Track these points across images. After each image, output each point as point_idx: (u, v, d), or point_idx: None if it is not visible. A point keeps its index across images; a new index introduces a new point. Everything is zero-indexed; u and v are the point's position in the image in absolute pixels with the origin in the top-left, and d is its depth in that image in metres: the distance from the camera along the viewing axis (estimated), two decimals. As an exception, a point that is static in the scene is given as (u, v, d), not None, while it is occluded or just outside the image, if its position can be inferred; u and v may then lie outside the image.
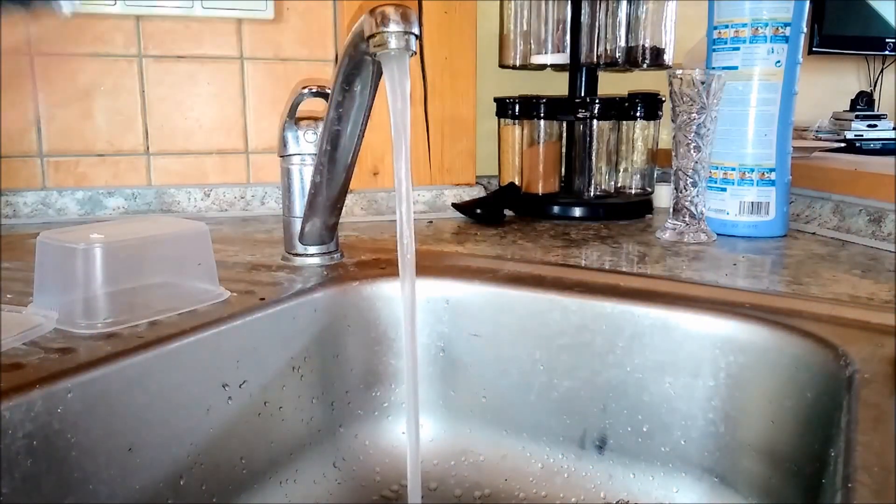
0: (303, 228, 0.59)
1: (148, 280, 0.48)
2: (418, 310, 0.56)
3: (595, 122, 0.89)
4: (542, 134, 0.90)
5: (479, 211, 0.84)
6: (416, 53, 0.38)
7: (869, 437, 0.31)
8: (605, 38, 0.89)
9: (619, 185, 0.94)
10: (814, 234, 0.78)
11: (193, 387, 0.43)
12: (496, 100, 0.93)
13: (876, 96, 1.82)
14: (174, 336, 0.43)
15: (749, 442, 0.47)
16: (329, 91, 0.48)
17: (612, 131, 0.92)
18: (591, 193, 0.90)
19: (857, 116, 1.64)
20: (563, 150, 0.92)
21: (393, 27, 0.37)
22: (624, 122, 0.92)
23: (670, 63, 0.92)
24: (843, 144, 1.25)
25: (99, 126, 0.83)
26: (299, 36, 0.88)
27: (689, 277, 0.58)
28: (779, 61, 0.72)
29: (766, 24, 0.72)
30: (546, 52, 0.92)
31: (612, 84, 0.98)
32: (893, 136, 1.61)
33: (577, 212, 0.87)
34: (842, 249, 0.71)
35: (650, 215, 0.90)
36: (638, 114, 0.91)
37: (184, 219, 0.79)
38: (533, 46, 0.93)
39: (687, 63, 0.95)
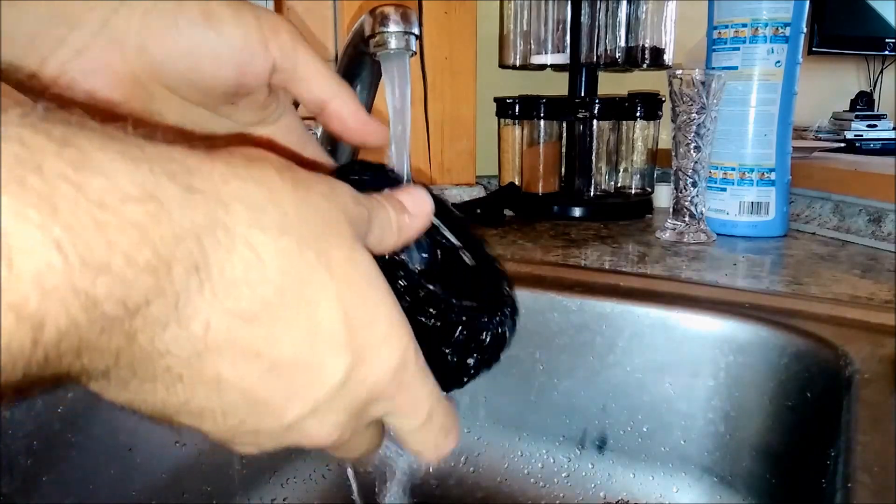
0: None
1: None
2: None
3: (595, 122, 0.89)
4: (542, 134, 0.90)
5: (478, 211, 0.84)
6: (415, 54, 0.38)
7: (869, 436, 0.31)
8: (605, 38, 0.89)
9: (618, 185, 0.94)
10: (813, 233, 0.78)
11: (193, 387, 0.43)
12: (496, 100, 0.93)
13: (876, 96, 1.82)
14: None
15: (749, 441, 0.47)
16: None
17: (612, 131, 0.92)
18: (591, 193, 0.90)
19: (856, 116, 1.64)
20: (563, 150, 0.92)
21: (393, 27, 0.37)
22: (624, 123, 0.92)
23: (670, 63, 0.92)
24: (842, 144, 1.25)
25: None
26: (299, 36, 0.87)
27: (688, 277, 0.58)
28: (778, 61, 0.72)
29: (766, 24, 0.72)
30: (546, 53, 0.92)
31: (612, 84, 0.98)
32: (893, 136, 1.61)
33: (577, 212, 0.87)
34: (841, 249, 0.71)
35: (650, 215, 0.90)
36: (638, 114, 0.90)
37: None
38: (533, 46, 0.93)
39: (687, 63, 0.95)
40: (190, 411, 0.19)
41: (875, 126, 1.62)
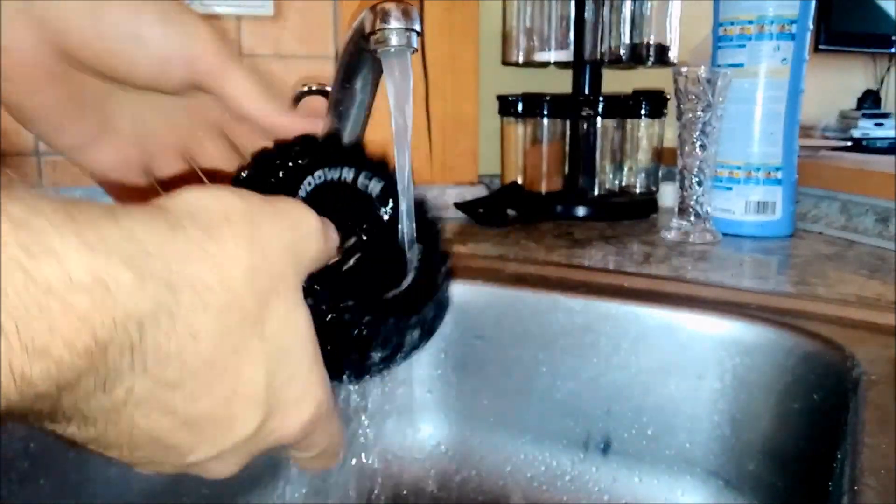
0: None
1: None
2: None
3: (599, 120, 0.88)
4: (545, 132, 0.89)
5: (480, 210, 0.83)
6: (417, 51, 0.37)
7: (876, 439, 0.31)
8: (610, 34, 0.89)
9: (623, 184, 0.93)
10: (820, 233, 0.78)
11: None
12: (499, 98, 0.92)
13: (883, 94, 1.81)
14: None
15: (755, 444, 0.47)
16: (329, 89, 0.48)
17: (616, 130, 0.91)
18: (595, 193, 0.90)
19: (863, 115, 1.63)
20: (567, 148, 0.91)
21: (394, 24, 0.37)
22: (628, 121, 0.91)
23: (675, 60, 0.91)
24: (849, 143, 1.24)
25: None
26: (299, 33, 0.87)
27: (694, 278, 0.57)
28: (785, 58, 0.72)
29: (772, 21, 0.71)
30: (550, 50, 0.91)
31: (616, 82, 0.97)
32: (900, 135, 1.60)
33: (581, 211, 0.86)
34: (849, 249, 0.70)
35: (655, 215, 0.89)
36: (643, 112, 0.90)
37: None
38: (536, 43, 0.92)
39: (692, 60, 0.94)
40: (98, 445, 0.19)
41: (882, 124, 1.61)
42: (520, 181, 0.92)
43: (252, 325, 0.20)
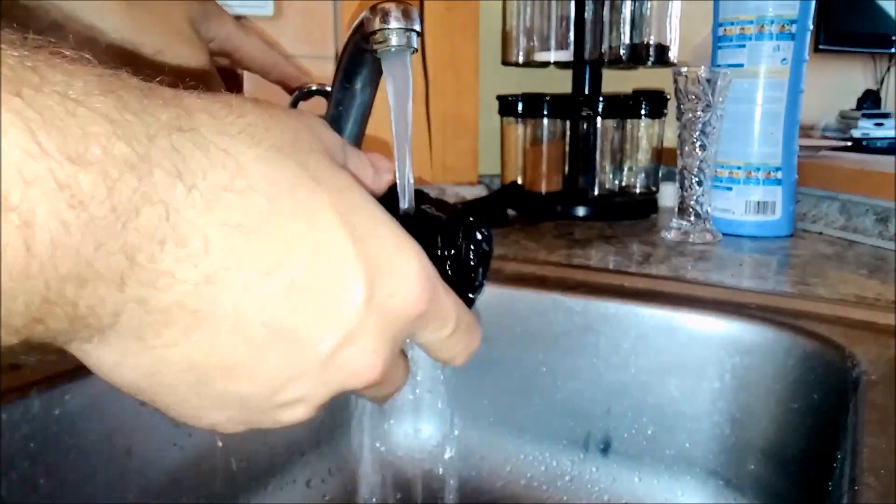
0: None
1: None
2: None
3: (599, 120, 0.88)
4: (545, 132, 0.89)
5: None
6: (417, 51, 0.37)
7: (875, 439, 0.31)
8: (610, 35, 0.89)
9: (623, 184, 0.93)
10: (820, 233, 0.78)
11: (192, 388, 0.43)
12: (499, 98, 0.92)
13: (883, 94, 1.81)
14: (173, 337, 0.42)
15: (755, 444, 0.47)
16: (329, 89, 0.48)
17: (616, 130, 0.91)
18: (595, 193, 0.90)
19: (863, 115, 1.63)
20: (567, 148, 0.91)
21: (394, 24, 0.37)
22: (628, 121, 0.91)
23: (675, 60, 0.91)
24: (849, 143, 1.24)
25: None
26: (299, 33, 0.87)
27: (694, 278, 0.57)
28: (785, 59, 0.72)
29: (772, 21, 0.71)
30: (550, 50, 0.91)
31: (616, 82, 0.97)
32: (900, 135, 1.60)
33: (581, 211, 0.86)
34: (848, 249, 0.70)
35: (655, 215, 0.89)
36: (643, 112, 0.90)
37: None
38: (536, 43, 0.92)
39: (692, 60, 0.94)
40: (220, 365, 0.17)
41: (882, 125, 1.61)
42: (520, 181, 0.92)
43: (297, 167, 0.17)
